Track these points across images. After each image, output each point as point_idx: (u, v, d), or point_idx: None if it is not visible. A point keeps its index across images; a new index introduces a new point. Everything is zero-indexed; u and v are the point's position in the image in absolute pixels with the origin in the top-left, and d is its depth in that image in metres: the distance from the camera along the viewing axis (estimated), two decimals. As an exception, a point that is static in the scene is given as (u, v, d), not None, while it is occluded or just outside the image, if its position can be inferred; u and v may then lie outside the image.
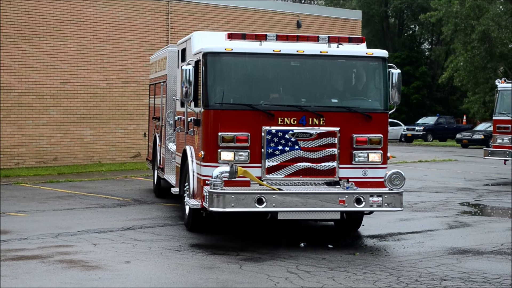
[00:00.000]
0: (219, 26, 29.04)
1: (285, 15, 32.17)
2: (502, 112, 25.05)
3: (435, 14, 53.21)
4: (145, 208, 16.08)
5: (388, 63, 12.42)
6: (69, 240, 12.18)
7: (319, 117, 11.92)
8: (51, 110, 25.63)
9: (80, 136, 26.39)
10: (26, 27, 25.01)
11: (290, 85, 12.33)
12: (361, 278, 9.66)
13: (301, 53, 12.11)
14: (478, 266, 10.53)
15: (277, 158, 11.83)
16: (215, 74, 11.99)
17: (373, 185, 11.97)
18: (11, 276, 9.52)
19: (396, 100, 12.35)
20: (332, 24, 33.72)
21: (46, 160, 25.32)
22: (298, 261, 10.63)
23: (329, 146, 11.94)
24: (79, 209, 15.89)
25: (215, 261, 10.65)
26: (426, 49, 75.77)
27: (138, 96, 27.61)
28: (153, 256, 10.92)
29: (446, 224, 14.52)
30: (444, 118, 54.35)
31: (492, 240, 12.71)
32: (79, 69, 26.32)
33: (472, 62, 50.89)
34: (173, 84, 16.17)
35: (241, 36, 12.18)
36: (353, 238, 12.98)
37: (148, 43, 27.80)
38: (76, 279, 9.44)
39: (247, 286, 9.20)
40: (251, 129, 11.77)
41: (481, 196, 19.44)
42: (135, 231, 13.07)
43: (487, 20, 48.86)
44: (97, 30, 26.74)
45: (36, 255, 10.86)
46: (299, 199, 11.36)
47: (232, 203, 11.14)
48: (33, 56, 25.19)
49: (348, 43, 12.58)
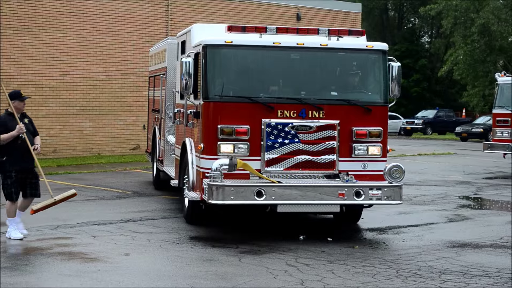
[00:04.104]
0: (219, 19, 28.98)
1: (285, 7, 32.12)
2: (501, 106, 25.03)
3: (435, 7, 53.13)
4: (144, 201, 16.08)
5: (388, 56, 12.40)
6: (68, 232, 12.18)
7: (319, 110, 11.90)
8: (50, 102, 25.61)
9: (79, 128, 26.37)
10: (25, 19, 24.96)
11: (290, 77, 12.31)
12: (360, 271, 9.66)
13: (301, 45, 12.09)
14: (478, 260, 10.53)
15: (277, 151, 11.82)
16: (215, 66, 11.97)
17: (372, 178, 11.96)
18: (10, 267, 9.52)
19: (396, 93, 12.33)
20: (332, 17, 33.68)
21: (45, 152, 25.29)
22: (297, 254, 10.63)
23: (328, 139, 11.93)
24: (78, 201, 15.85)
25: (214, 253, 10.66)
26: (426, 42, 75.70)
27: (137, 88, 27.58)
28: (152, 249, 10.92)
29: (445, 218, 14.52)
30: (443, 112, 54.32)
31: (491, 234, 12.71)
32: (79, 61, 26.28)
33: (471, 55, 50.84)
34: (172, 76, 16.14)
35: (241, 29, 12.15)
36: (353, 231, 12.98)
37: (148, 35, 27.75)
38: (75, 271, 9.44)
39: (246, 278, 9.20)
40: (250, 122, 11.76)
41: (480, 189, 19.44)
42: (134, 223, 13.07)
43: (487, 13, 48.79)
44: (97, 22, 26.69)
45: (35, 247, 10.87)
46: (298, 192, 11.36)
47: (232, 195, 11.13)
48: (33, 48, 25.15)
49: (348, 36, 12.56)
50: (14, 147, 11.32)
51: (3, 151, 11.32)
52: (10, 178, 11.35)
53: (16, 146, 11.32)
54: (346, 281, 9.12)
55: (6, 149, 11.31)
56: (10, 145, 11.30)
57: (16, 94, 11.65)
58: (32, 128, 11.79)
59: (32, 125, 11.82)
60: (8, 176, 11.36)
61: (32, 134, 11.71)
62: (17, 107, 11.52)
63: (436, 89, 67.52)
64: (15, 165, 11.35)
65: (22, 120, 11.54)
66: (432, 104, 63.12)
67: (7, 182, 11.38)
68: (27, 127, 11.52)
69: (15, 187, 11.40)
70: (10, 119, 11.45)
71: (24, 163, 11.47)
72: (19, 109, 11.56)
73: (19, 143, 11.34)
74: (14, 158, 11.33)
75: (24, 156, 11.42)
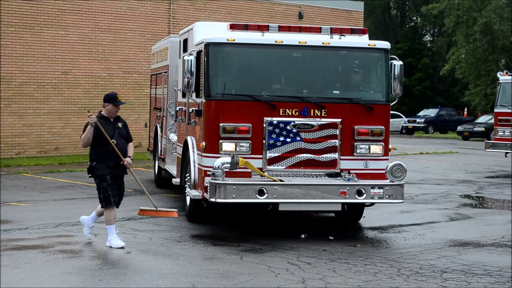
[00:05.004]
0: (221, 17, 28.98)
1: (287, 6, 32.11)
2: (503, 105, 25.03)
3: (437, 6, 53.02)
4: (146, 199, 16.00)
5: (390, 55, 12.39)
6: (70, 230, 12.18)
7: (321, 108, 11.90)
8: (52, 100, 25.61)
9: (81, 126, 26.06)
10: (27, 17, 24.96)
11: (292, 76, 12.32)
12: (362, 270, 9.66)
13: (303, 44, 12.08)
14: (479, 259, 10.52)
15: (279, 149, 11.81)
16: (217, 64, 11.96)
17: (374, 177, 11.95)
18: (11, 265, 9.52)
19: (398, 92, 12.32)
20: (334, 15, 33.67)
21: (47, 150, 25.33)
22: (299, 253, 10.63)
23: (330, 138, 11.93)
24: (80, 199, 15.89)
25: (216, 252, 10.65)
26: (428, 41, 75.63)
27: (139, 86, 27.58)
28: (153, 247, 10.91)
29: (447, 216, 14.52)
30: (445, 110, 54.32)
31: (493, 233, 12.71)
32: (81, 59, 26.28)
33: (473, 54, 50.77)
34: (174, 74, 16.14)
35: (243, 27, 12.14)
36: (354, 229, 12.97)
37: (150, 33, 27.75)
38: (76, 269, 9.44)
39: (247, 277, 9.20)
40: (252, 120, 11.75)
41: (482, 188, 19.43)
42: (135, 222, 13.07)
43: (489, 12, 48.70)
44: (99, 20, 26.69)
45: (36, 245, 10.87)
46: (300, 191, 11.35)
47: (233, 194, 11.12)
48: (34, 45, 25.16)
49: (350, 35, 12.54)
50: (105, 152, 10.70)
51: (96, 156, 10.77)
52: (105, 181, 10.71)
53: (107, 152, 10.69)
54: (347, 280, 9.12)
55: (98, 153, 10.74)
56: (101, 150, 10.68)
57: (111, 98, 11.01)
58: (126, 132, 11.05)
59: (126, 130, 11.08)
60: (104, 179, 10.72)
61: (125, 139, 11.00)
62: (109, 111, 10.93)
63: (438, 88, 67.46)
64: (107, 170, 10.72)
65: (115, 124, 10.92)
66: (434, 103, 63.08)
67: (103, 185, 10.73)
68: (120, 132, 10.88)
69: (112, 189, 10.76)
70: (102, 122, 10.77)
71: (117, 169, 10.82)
72: (112, 113, 10.95)
73: (109, 149, 10.67)
74: (106, 163, 10.71)
75: (116, 163, 10.76)
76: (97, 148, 10.77)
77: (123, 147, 10.85)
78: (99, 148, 10.74)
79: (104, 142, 10.68)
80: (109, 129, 10.76)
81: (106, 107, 10.96)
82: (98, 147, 10.74)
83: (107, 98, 11.02)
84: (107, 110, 10.95)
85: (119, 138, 10.85)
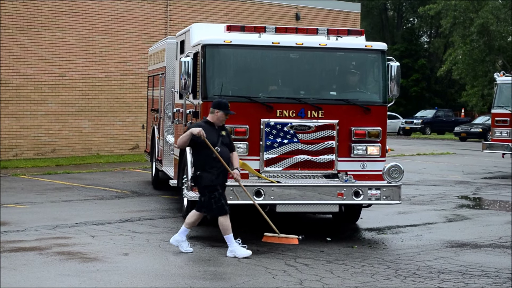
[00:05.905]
0: (218, 18, 28.99)
1: (284, 7, 32.12)
2: (500, 106, 25.06)
3: (434, 7, 53.16)
4: (143, 200, 16.07)
5: (387, 56, 12.40)
6: (67, 232, 12.17)
7: (318, 109, 11.90)
8: (49, 102, 25.60)
9: (78, 128, 26.35)
10: (24, 18, 24.94)
11: (289, 77, 12.31)
12: (359, 271, 9.66)
13: (300, 45, 12.09)
14: (476, 260, 10.53)
15: (276, 151, 11.82)
16: (214, 66, 11.97)
17: (371, 178, 11.97)
18: (9, 267, 9.51)
19: (395, 93, 12.33)
20: (331, 16, 33.68)
21: (44, 151, 25.31)
22: (296, 254, 10.63)
23: (327, 139, 11.93)
24: (77, 201, 15.88)
25: (213, 253, 10.65)
26: (425, 42, 75.71)
27: (136, 88, 27.58)
28: (151, 248, 10.91)
29: (444, 217, 14.53)
30: (442, 111, 54.37)
31: (490, 234, 12.72)
32: (78, 60, 26.26)
33: (470, 55, 50.88)
34: (171, 76, 16.14)
35: (240, 28, 12.15)
36: (351, 231, 12.98)
37: (147, 35, 27.75)
38: (74, 270, 9.43)
39: (245, 278, 9.20)
40: (249, 122, 11.76)
41: (479, 189, 19.44)
42: (133, 223, 13.06)
43: (486, 13, 48.81)
44: (96, 22, 26.68)
45: (34, 247, 10.86)
46: (297, 192, 11.37)
47: (231, 195, 11.12)
48: (32, 47, 25.14)
49: (347, 36, 12.56)
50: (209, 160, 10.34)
51: (199, 163, 10.48)
52: (216, 191, 10.32)
53: (211, 159, 10.34)
54: (345, 281, 9.12)
55: (202, 161, 10.43)
56: (205, 157, 10.35)
57: (223, 105, 10.53)
58: (229, 141, 10.64)
59: (229, 138, 10.65)
60: (214, 189, 10.32)
61: (228, 147, 10.59)
62: (218, 118, 10.49)
63: (435, 89, 67.53)
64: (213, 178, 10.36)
65: (219, 132, 10.49)
66: (431, 104, 63.16)
67: (215, 195, 10.31)
68: (223, 140, 10.47)
69: (224, 198, 10.44)
70: (206, 127, 10.38)
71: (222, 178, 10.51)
72: (220, 120, 10.51)
73: (213, 157, 10.31)
74: (210, 170, 10.34)
75: (220, 171, 10.41)
76: (200, 155, 10.48)
77: (226, 155, 10.49)
78: (202, 155, 10.42)
79: (207, 148, 10.35)
80: (212, 136, 10.41)
81: (216, 114, 10.52)
82: (201, 154, 10.44)
83: (219, 104, 10.57)
84: (216, 116, 10.53)
85: (222, 146, 10.46)
